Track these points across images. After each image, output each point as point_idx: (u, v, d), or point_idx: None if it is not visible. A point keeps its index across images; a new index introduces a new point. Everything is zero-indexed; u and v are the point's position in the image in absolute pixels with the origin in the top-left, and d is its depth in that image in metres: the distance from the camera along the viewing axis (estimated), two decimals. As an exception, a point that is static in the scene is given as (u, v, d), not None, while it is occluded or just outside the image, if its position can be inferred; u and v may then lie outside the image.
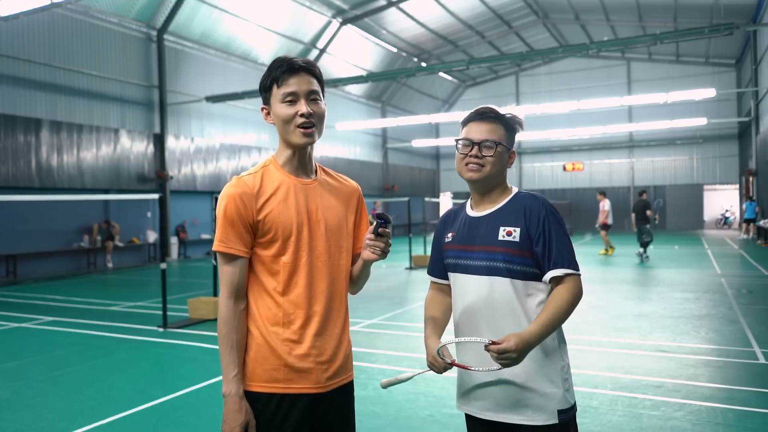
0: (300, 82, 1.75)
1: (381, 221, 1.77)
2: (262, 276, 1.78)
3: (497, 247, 1.87)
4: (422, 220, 29.62)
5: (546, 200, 1.92)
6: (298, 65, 1.77)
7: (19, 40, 13.97)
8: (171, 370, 5.69)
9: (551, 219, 1.86)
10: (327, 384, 1.79)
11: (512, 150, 1.99)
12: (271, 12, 19.80)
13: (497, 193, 1.97)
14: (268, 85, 1.79)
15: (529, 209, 1.88)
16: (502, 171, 1.97)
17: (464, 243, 1.96)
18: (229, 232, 1.73)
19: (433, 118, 25.15)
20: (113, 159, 16.34)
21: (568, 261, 1.83)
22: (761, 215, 20.83)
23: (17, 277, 13.65)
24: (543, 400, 1.82)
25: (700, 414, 4.12)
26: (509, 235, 1.86)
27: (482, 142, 1.92)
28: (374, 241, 1.79)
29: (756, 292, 9.47)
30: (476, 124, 1.96)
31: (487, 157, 1.92)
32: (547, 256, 1.83)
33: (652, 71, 29.42)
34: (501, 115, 1.96)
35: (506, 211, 1.92)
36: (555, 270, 1.82)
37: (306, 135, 1.76)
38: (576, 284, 1.83)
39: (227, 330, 1.72)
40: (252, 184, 1.75)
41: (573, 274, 1.83)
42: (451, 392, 4.64)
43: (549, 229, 1.84)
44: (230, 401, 1.70)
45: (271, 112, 1.80)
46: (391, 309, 8.63)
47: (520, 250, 1.85)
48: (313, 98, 1.78)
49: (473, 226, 1.96)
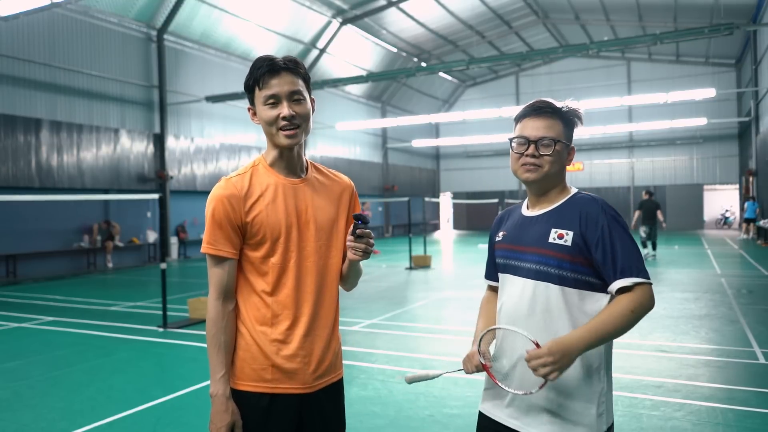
0: (281, 83, 1.73)
1: (358, 222, 1.75)
2: (250, 276, 1.78)
3: (547, 250, 1.73)
4: (422, 220, 29.64)
5: (606, 203, 1.76)
6: (279, 66, 1.73)
7: (19, 40, 13.97)
8: (171, 370, 5.69)
9: (613, 224, 1.70)
10: (314, 384, 1.79)
11: (572, 146, 1.84)
12: (271, 12, 19.80)
13: (555, 193, 1.83)
14: (250, 86, 1.77)
15: (586, 213, 1.72)
16: (562, 170, 1.82)
17: (514, 243, 1.84)
18: (217, 234, 1.73)
19: (433, 118, 25.16)
20: (113, 159, 16.34)
21: (637, 269, 1.65)
22: (761, 215, 20.83)
23: (17, 277, 13.65)
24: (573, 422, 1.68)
25: (700, 414, 4.12)
26: (560, 238, 1.72)
27: (539, 140, 1.77)
28: (354, 243, 1.77)
29: (756, 292, 9.47)
30: (532, 120, 1.80)
31: (545, 156, 1.76)
32: (611, 265, 1.66)
33: (652, 71, 29.43)
34: (558, 108, 1.81)
35: (560, 213, 1.77)
36: (623, 279, 1.64)
37: (289, 137, 1.74)
38: (645, 294, 1.64)
39: (215, 331, 1.73)
40: (240, 185, 1.75)
41: (643, 283, 1.65)
42: (452, 392, 4.64)
43: (611, 235, 1.67)
44: (217, 402, 1.70)
45: (257, 113, 1.79)
46: (391, 309, 8.62)
47: (571, 255, 1.70)
48: (296, 98, 1.75)
49: (525, 225, 1.84)
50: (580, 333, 1.59)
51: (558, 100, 1.85)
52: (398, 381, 5.05)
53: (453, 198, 34.63)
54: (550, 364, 1.54)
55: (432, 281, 11.96)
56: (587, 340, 1.58)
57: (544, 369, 1.54)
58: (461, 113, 24.20)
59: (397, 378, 5.14)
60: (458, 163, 34.92)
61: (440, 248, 21.07)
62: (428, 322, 7.72)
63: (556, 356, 1.54)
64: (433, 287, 11.06)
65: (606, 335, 1.61)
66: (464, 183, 34.64)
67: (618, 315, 1.62)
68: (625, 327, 1.63)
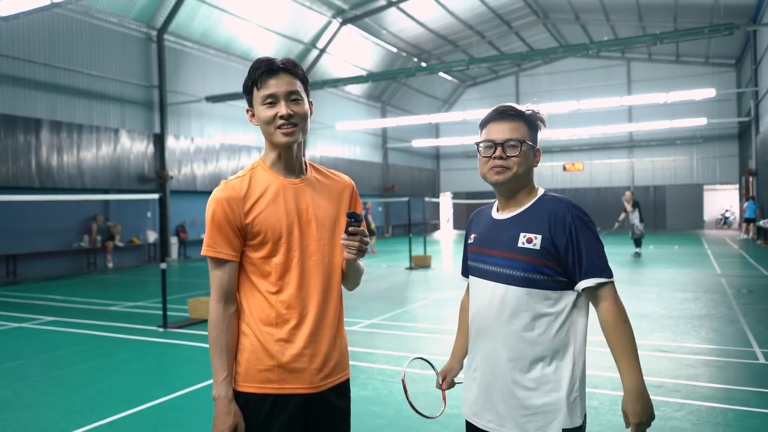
0: (279, 84, 1.75)
1: (351, 220, 1.77)
2: (254, 277, 1.78)
3: (517, 254, 1.77)
4: (422, 220, 29.63)
5: (572, 203, 1.79)
6: (277, 66, 1.75)
7: (19, 40, 13.97)
8: (171, 370, 5.69)
9: (579, 224, 1.74)
10: (321, 384, 1.79)
11: (537, 148, 1.89)
12: (271, 12, 19.80)
13: (523, 194, 1.87)
14: (249, 88, 1.79)
15: (555, 215, 1.76)
16: (529, 171, 1.86)
17: (484, 246, 1.88)
18: (216, 237, 1.74)
19: (433, 118, 25.16)
20: (113, 159, 16.34)
21: (601, 269, 1.72)
22: (761, 215, 20.83)
23: (17, 277, 13.65)
24: (547, 418, 1.73)
25: (700, 414, 4.12)
26: (529, 242, 1.75)
27: (505, 142, 1.81)
28: (348, 241, 1.78)
29: (756, 292, 9.47)
30: (497, 123, 1.85)
31: (512, 158, 1.81)
32: (577, 265, 1.72)
33: (652, 71, 29.43)
34: (522, 112, 1.86)
35: (529, 216, 1.81)
36: (587, 280, 1.72)
37: (287, 135, 1.76)
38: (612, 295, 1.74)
39: (217, 333, 1.73)
40: (239, 188, 1.76)
41: (606, 282, 1.73)
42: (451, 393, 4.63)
43: (577, 236, 1.73)
44: (220, 404, 1.70)
45: (255, 114, 1.80)
46: (391, 309, 8.62)
47: (540, 259, 1.74)
48: (294, 98, 1.76)
49: (494, 229, 1.88)
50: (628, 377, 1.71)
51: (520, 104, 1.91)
52: (398, 381, 5.05)
53: (453, 198, 34.63)
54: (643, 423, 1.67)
55: (432, 281, 11.96)
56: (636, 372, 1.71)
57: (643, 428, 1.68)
58: (461, 113, 24.19)
59: (397, 378, 5.14)
60: (458, 163, 34.92)
61: (440, 248, 21.08)
62: (428, 322, 7.72)
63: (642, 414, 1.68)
64: (433, 287, 11.06)
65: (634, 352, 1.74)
66: (464, 183, 34.64)
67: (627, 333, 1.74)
68: (631, 332, 1.75)
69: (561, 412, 1.73)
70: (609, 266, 1.75)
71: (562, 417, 1.73)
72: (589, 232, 1.75)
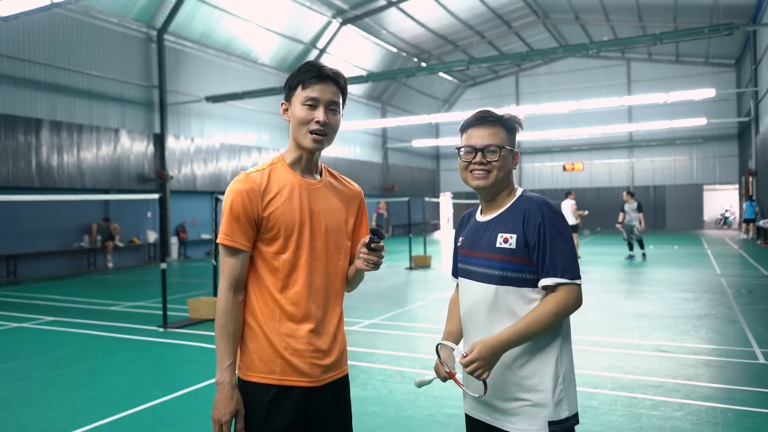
0: (324, 90, 1.81)
1: (374, 237, 1.85)
2: (262, 272, 1.83)
3: (495, 254, 1.84)
4: (422, 220, 29.65)
5: (545, 202, 1.84)
6: (326, 74, 1.82)
7: (19, 40, 13.97)
8: (171, 370, 5.69)
9: (547, 224, 1.79)
10: (321, 378, 1.85)
11: (515, 151, 1.95)
12: (271, 12, 19.80)
13: (503, 197, 1.94)
14: (294, 85, 1.84)
15: (528, 214, 1.82)
16: (508, 174, 1.92)
17: (469, 248, 1.96)
18: (234, 226, 1.78)
19: (433, 118, 25.16)
20: (113, 159, 16.34)
21: (562, 269, 1.75)
22: (761, 215, 20.83)
23: (17, 277, 13.65)
24: (534, 410, 1.78)
25: (700, 414, 4.12)
26: (506, 242, 1.82)
27: (485, 147, 1.88)
28: (367, 255, 1.86)
29: (756, 292, 9.48)
30: (476, 129, 1.92)
31: (492, 162, 1.87)
32: (541, 264, 1.77)
33: (652, 71, 29.43)
34: (500, 117, 1.92)
35: (506, 217, 1.88)
36: (546, 279, 1.77)
37: (316, 141, 1.82)
38: (567, 294, 1.75)
39: (225, 320, 1.78)
40: (259, 181, 1.81)
41: (566, 283, 1.75)
42: (451, 392, 4.64)
43: (544, 235, 1.78)
44: (223, 389, 1.75)
45: (290, 111, 1.85)
46: (391, 309, 8.63)
47: (518, 257, 1.80)
48: (332, 108, 1.83)
49: (477, 231, 1.95)
50: (506, 334, 1.72)
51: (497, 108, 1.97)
52: (398, 381, 5.06)
53: (453, 198, 34.63)
54: (481, 367, 1.69)
55: (432, 281, 11.96)
56: (511, 340, 1.72)
57: (477, 372, 1.69)
58: (461, 113, 24.17)
59: (397, 378, 5.14)
60: (458, 163, 34.83)
61: (440, 248, 21.08)
62: (428, 322, 7.73)
63: (485, 357, 1.69)
64: (433, 287, 11.06)
65: (529, 335, 1.74)
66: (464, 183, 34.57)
67: (542, 317, 1.74)
68: (550, 326, 1.75)
69: (547, 407, 1.78)
70: (575, 269, 1.77)
71: (548, 411, 1.78)
72: (557, 233, 1.78)
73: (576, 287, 1.77)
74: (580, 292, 1.78)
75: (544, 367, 1.80)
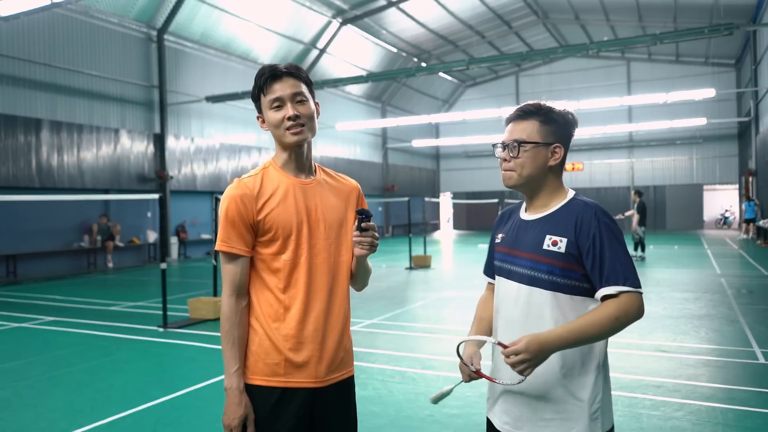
0: (284, 87, 1.82)
1: (362, 216, 1.84)
2: (263, 273, 1.83)
3: (541, 256, 1.73)
4: (422, 220, 29.64)
5: (601, 209, 1.73)
6: (280, 71, 1.83)
7: (19, 40, 13.97)
8: (171, 370, 5.69)
9: (604, 231, 1.68)
10: (326, 379, 1.84)
11: (553, 144, 1.79)
12: (271, 12, 19.80)
13: (546, 195, 1.82)
14: (257, 95, 1.87)
15: (581, 220, 1.70)
16: (542, 171, 1.79)
17: (511, 247, 1.84)
18: (230, 232, 1.79)
19: (433, 118, 25.17)
20: (113, 159, 16.34)
21: (623, 277, 1.64)
22: (761, 215, 20.83)
23: (17, 277, 13.65)
24: (564, 426, 1.68)
25: (700, 414, 4.12)
26: (555, 245, 1.71)
27: (509, 143, 1.79)
28: (360, 237, 1.85)
29: (756, 292, 9.48)
30: (509, 124, 1.84)
31: (514, 160, 1.78)
32: (598, 273, 1.66)
33: (652, 71, 29.43)
34: (532, 109, 1.80)
35: (556, 219, 1.76)
36: (607, 287, 1.64)
37: (296, 134, 1.82)
38: (630, 301, 1.63)
39: (229, 326, 1.79)
40: (252, 185, 1.82)
41: (628, 291, 1.64)
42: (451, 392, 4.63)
43: (601, 243, 1.66)
44: (231, 395, 1.76)
45: (265, 120, 1.88)
46: (391, 309, 8.62)
47: (566, 263, 1.69)
48: (299, 100, 1.83)
49: (521, 229, 1.83)
50: (559, 332, 1.60)
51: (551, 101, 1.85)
52: (398, 381, 5.06)
53: (453, 198, 34.63)
54: (525, 361, 1.56)
55: (432, 281, 11.96)
56: (566, 340, 1.59)
57: (520, 365, 1.56)
58: (461, 113, 24.20)
59: (397, 378, 5.14)
60: (458, 163, 34.92)
61: (440, 248, 21.08)
62: (428, 322, 7.73)
63: (532, 352, 1.55)
64: (433, 287, 11.06)
65: (586, 338, 1.61)
66: (464, 183, 34.65)
67: (602, 320, 1.61)
68: (607, 333, 1.62)
69: (580, 422, 1.67)
70: (636, 277, 1.66)
71: (582, 428, 1.67)
72: (616, 241, 1.68)
73: (638, 296, 1.65)
74: (642, 301, 1.66)
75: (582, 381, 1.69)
